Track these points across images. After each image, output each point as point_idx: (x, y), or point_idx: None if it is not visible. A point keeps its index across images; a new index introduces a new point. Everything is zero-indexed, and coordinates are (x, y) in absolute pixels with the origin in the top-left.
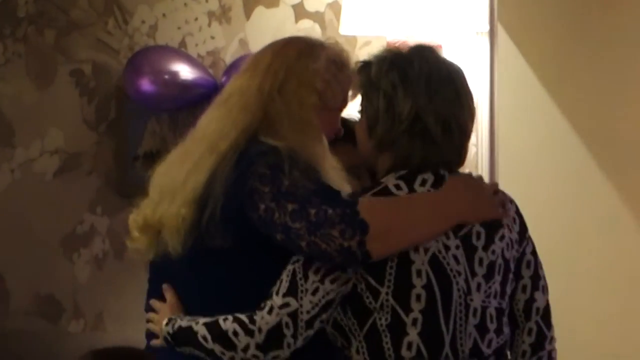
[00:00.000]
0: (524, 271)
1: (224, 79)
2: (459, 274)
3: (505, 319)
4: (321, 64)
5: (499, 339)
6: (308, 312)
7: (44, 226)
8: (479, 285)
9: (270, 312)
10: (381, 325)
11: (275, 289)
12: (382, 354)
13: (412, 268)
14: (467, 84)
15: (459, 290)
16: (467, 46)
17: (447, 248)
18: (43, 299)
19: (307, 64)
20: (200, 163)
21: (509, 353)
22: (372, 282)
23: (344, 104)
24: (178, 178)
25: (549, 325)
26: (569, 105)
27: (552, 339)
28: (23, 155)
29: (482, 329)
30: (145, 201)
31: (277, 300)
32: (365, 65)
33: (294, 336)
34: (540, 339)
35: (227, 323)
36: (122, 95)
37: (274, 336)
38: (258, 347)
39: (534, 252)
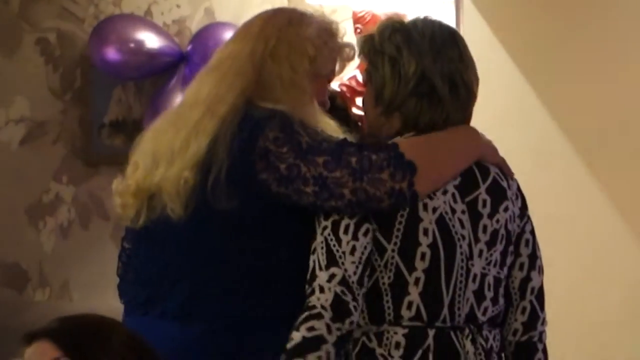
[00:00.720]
0: (522, 249)
1: (189, 47)
2: (463, 238)
3: (501, 290)
4: (312, 31)
5: (494, 308)
6: (355, 272)
7: (10, 195)
8: (480, 252)
9: (322, 290)
10: (383, 283)
11: (315, 265)
12: (382, 312)
13: (419, 226)
14: (468, 48)
15: (461, 254)
16: (433, 14)
17: (453, 211)
18: (8, 268)
19: (297, 30)
20: (199, 127)
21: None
22: (380, 238)
23: (332, 74)
24: (175, 143)
25: (542, 306)
26: (533, 72)
27: (544, 320)
28: None
29: (479, 295)
30: (132, 167)
31: (322, 275)
32: (368, 37)
33: (355, 299)
34: (532, 318)
35: (296, 334)
36: (87, 64)
37: (339, 308)
38: (333, 320)
39: (532, 232)
